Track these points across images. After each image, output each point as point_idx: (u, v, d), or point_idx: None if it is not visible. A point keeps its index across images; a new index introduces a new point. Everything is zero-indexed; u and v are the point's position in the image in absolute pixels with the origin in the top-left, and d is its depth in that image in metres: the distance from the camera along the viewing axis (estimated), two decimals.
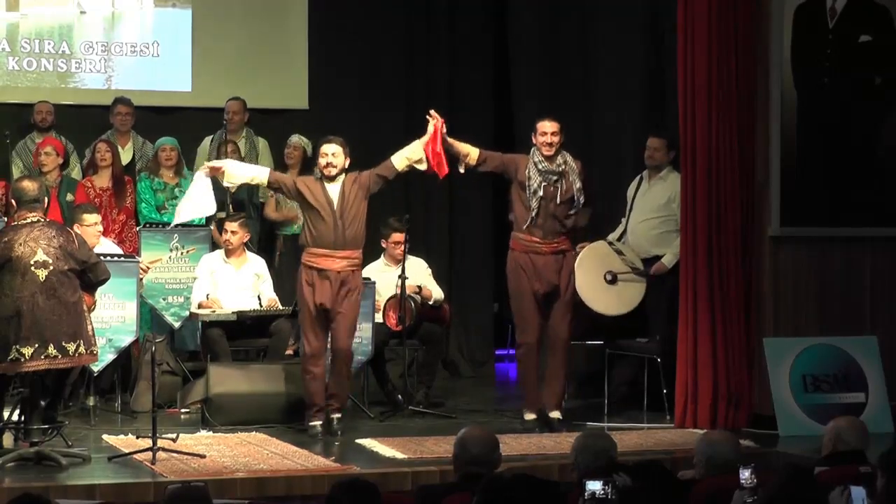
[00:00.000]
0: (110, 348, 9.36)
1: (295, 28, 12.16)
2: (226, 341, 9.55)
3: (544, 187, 8.86)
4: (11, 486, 7.15)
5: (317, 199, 8.70)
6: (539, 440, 8.62)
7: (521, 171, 8.91)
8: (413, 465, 7.82)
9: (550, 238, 8.92)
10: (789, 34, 9.17)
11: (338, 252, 8.68)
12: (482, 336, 12.31)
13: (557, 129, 8.91)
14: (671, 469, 6.10)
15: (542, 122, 8.96)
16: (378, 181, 8.82)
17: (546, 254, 8.92)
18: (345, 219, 8.68)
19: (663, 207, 9.80)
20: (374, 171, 8.85)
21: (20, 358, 7.68)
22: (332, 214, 8.67)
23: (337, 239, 8.68)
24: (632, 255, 9.78)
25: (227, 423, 8.94)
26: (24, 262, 7.72)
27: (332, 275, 8.65)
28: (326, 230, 8.68)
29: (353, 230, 8.71)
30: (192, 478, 7.23)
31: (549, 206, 8.87)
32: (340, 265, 8.68)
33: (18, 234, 7.79)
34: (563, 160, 8.95)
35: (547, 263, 8.91)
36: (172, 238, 10.22)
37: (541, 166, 8.89)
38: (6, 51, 11.70)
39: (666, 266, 9.69)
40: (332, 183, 8.74)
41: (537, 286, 8.91)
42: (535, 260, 8.91)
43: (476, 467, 5.71)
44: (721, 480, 5.49)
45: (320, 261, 8.68)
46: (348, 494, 5.09)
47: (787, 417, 8.98)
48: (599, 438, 6.07)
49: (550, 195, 8.87)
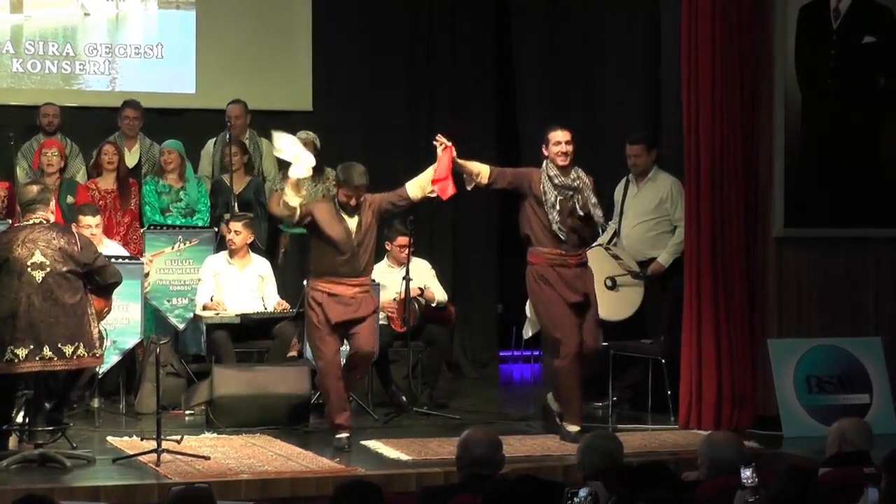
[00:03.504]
0: (115, 350, 9.36)
1: (299, 30, 12.15)
2: (230, 343, 9.55)
3: (561, 202, 8.65)
4: (16, 487, 7.13)
5: (333, 232, 8.46)
6: (544, 441, 8.61)
7: (535, 185, 8.67)
8: (417, 466, 7.84)
9: (574, 250, 8.72)
10: (793, 35, 9.17)
11: (351, 280, 8.49)
12: (485, 337, 12.32)
13: (570, 137, 8.69)
14: (675, 470, 6.09)
15: (553, 133, 8.71)
16: (389, 208, 8.63)
17: (573, 266, 8.71)
18: (360, 247, 8.51)
19: (656, 209, 9.84)
20: (386, 196, 8.62)
21: (14, 359, 7.68)
22: (351, 244, 8.47)
23: (352, 268, 8.48)
24: (628, 258, 9.79)
25: (232, 425, 8.94)
26: (21, 264, 7.72)
27: (346, 299, 8.46)
28: (341, 261, 8.46)
29: (366, 258, 8.57)
30: (197, 479, 7.23)
31: (566, 220, 8.66)
32: (353, 291, 8.49)
33: (17, 235, 7.81)
34: (576, 175, 8.72)
35: (575, 275, 8.69)
36: (176, 239, 10.23)
37: (556, 180, 8.65)
38: (10, 53, 11.72)
39: (662, 266, 9.71)
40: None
41: (571, 296, 8.66)
42: (562, 273, 8.67)
43: (479, 468, 5.71)
44: (725, 481, 5.47)
45: (332, 287, 8.46)
46: (352, 496, 5.11)
47: (791, 418, 8.99)
48: (606, 439, 6.07)
49: (568, 210, 8.66)
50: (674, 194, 9.81)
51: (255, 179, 10.87)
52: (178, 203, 10.67)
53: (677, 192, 9.78)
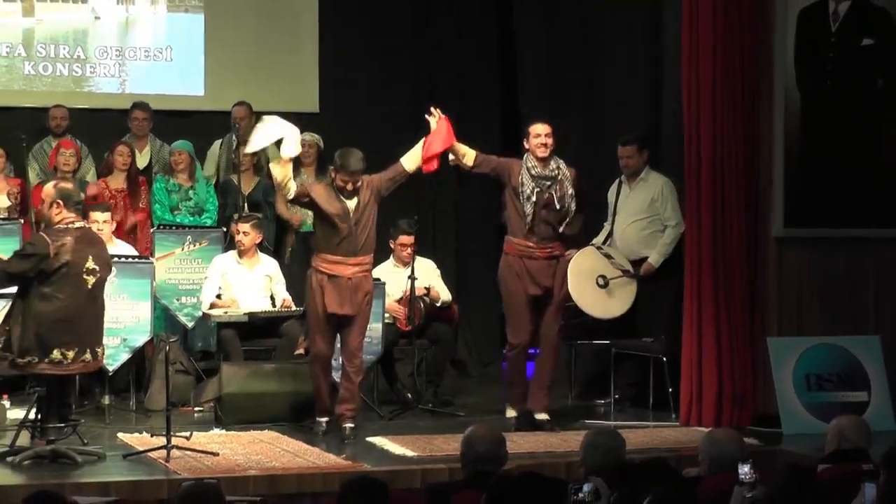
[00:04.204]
0: (125, 348, 9.42)
1: (305, 32, 12.22)
2: (238, 342, 9.59)
3: (537, 193, 8.89)
4: (28, 483, 7.18)
5: (332, 208, 8.65)
6: (547, 438, 8.65)
7: (515, 176, 8.93)
8: (422, 462, 7.84)
9: (544, 243, 8.96)
10: (792, 37, 9.21)
11: (350, 259, 8.66)
12: (488, 336, 12.34)
13: (550, 131, 8.93)
14: (676, 467, 6.18)
15: (534, 126, 8.99)
16: (389, 185, 8.80)
17: (540, 258, 8.97)
18: (358, 226, 8.67)
19: (648, 208, 9.90)
20: (384, 174, 8.81)
21: (63, 360, 7.78)
22: (348, 222, 8.65)
23: (350, 246, 8.65)
24: (620, 257, 9.81)
25: (240, 422, 8.97)
26: (78, 269, 7.82)
27: (344, 281, 8.64)
28: (340, 238, 8.64)
29: (364, 236, 8.70)
30: (206, 475, 7.18)
31: (541, 211, 8.89)
32: (352, 271, 8.66)
33: (70, 238, 7.85)
34: (556, 165, 8.96)
35: (541, 268, 8.95)
36: (185, 239, 10.28)
37: (534, 171, 8.91)
38: (22, 56, 11.78)
39: (653, 266, 9.77)
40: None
41: (531, 289, 8.95)
42: (528, 264, 8.95)
43: (483, 465, 5.76)
44: (726, 478, 5.49)
45: (332, 267, 8.65)
46: (358, 492, 5.16)
47: (790, 416, 9.02)
48: (608, 436, 6.11)
49: (543, 201, 8.89)
50: (664, 194, 9.88)
51: (263, 180, 10.88)
52: (188, 202, 10.74)
53: (668, 192, 9.85)
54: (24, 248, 7.93)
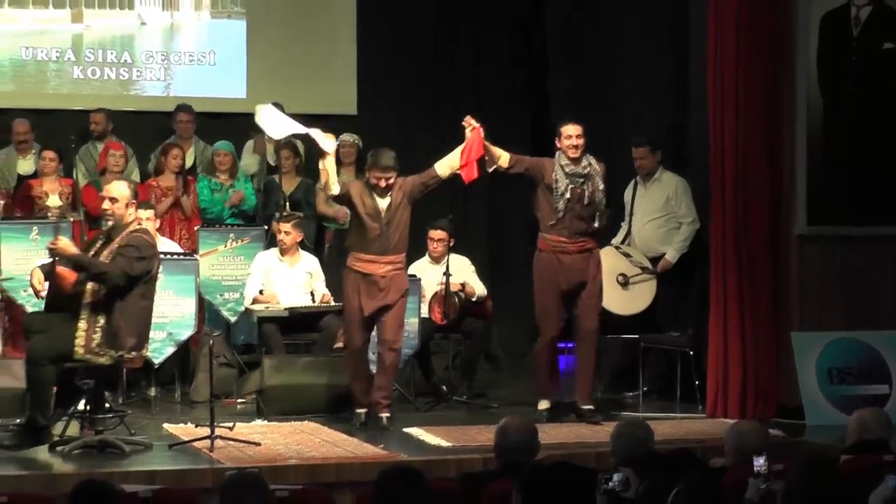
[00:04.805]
0: (170, 342, 9.55)
1: (343, 36, 12.34)
2: (279, 335, 9.68)
3: (571, 189, 8.99)
4: (77, 471, 7.27)
5: (365, 207, 8.79)
6: (577, 429, 8.72)
7: (548, 174, 9.03)
8: (457, 452, 7.92)
9: (577, 238, 9.04)
10: (815, 41, 9.28)
11: (382, 258, 8.80)
12: (521, 331, 12.39)
13: (581, 131, 9.01)
14: (703, 457, 6.31)
15: (565, 127, 9.07)
16: (421, 189, 8.90)
17: (573, 253, 9.04)
18: (390, 226, 8.81)
19: (663, 207, 10.06)
20: (417, 178, 8.91)
21: (143, 352, 8.12)
22: (380, 222, 8.78)
23: (382, 245, 8.78)
24: (638, 255, 9.97)
25: (281, 413, 9.05)
26: (156, 272, 8.13)
27: (378, 279, 8.78)
28: (373, 237, 8.78)
29: (397, 236, 8.83)
30: (248, 464, 7.31)
31: (575, 207, 8.99)
32: (385, 270, 8.79)
33: (154, 245, 8.19)
34: (587, 162, 9.05)
35: (574, 262, 9.02)
36: (228, 237, 10.40)
37: (567, 169, 9.00)
38: (71, 60, 11.95)
39: (670, 262, 9.93)
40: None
41: (564, 284, 9.02)
42: (562, 259, 9.03)
43: (516, 455, 5.85)
44: (752, 468, 5.39)
45: (366, 266, 8.79)
46: (395, 481, 5.24)
47: (813, 408, 9.10)
48: (637, 428, 6.15)
49: (577, 197, 8.99)
50: (679, 192, 10.03)
51: (304, 180, 10.98)
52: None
53: (682, 191, 10.00)
54: (140, 251, 7.95)
